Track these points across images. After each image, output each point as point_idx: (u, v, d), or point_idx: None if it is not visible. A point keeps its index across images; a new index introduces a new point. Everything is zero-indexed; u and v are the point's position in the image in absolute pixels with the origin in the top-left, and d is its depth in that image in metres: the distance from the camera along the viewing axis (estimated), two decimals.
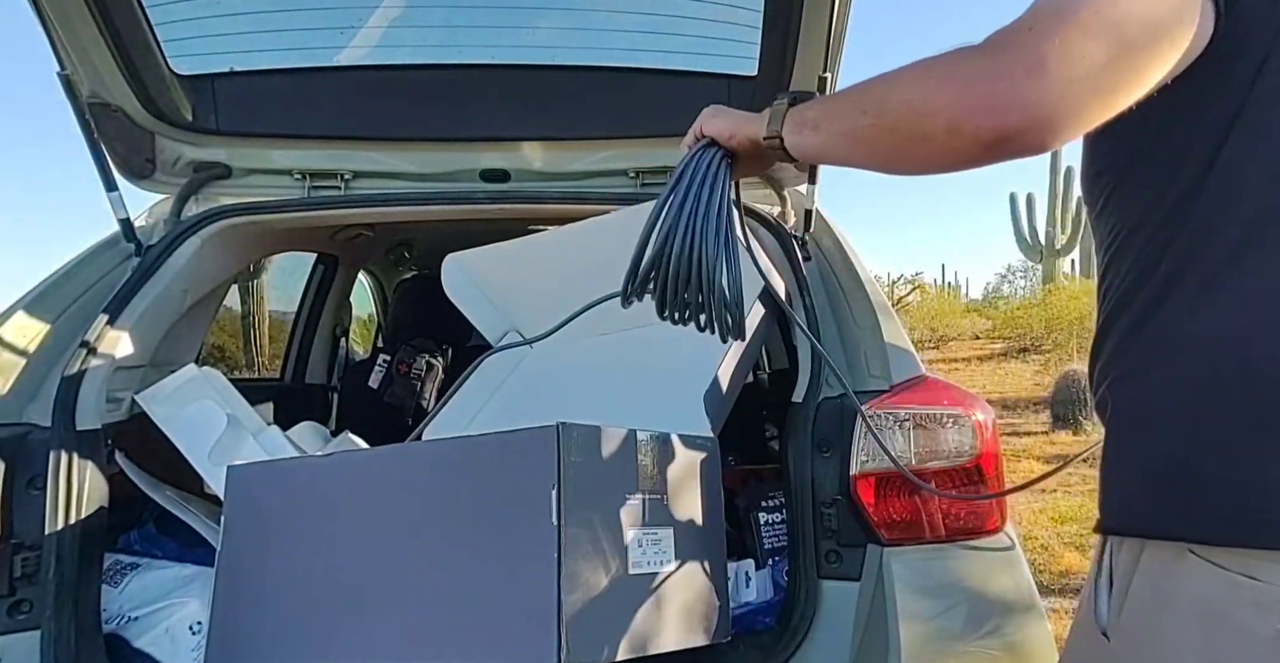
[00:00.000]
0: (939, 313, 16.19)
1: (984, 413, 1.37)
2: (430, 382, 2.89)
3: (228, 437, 1.53)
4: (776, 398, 1.95)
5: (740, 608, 1.48)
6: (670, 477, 1.26)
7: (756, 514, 1.61)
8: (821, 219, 1.74)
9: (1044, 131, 0.65)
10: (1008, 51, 0.65)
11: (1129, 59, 0.64)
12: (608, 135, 1.83)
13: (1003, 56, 0.65)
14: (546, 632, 1.03)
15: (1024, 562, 1.35)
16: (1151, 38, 0.65)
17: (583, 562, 1.08)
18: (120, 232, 1.61)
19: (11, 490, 1.26)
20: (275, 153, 1.81)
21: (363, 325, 3.98)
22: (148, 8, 1.55)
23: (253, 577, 1.28)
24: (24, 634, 1.23)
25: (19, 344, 1.41)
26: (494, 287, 1.94)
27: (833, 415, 1.38)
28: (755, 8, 1.58)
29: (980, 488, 1.33)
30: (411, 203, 1.77)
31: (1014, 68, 0.64)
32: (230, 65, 1.75)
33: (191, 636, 1.34)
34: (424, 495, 1.20)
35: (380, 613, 1.16)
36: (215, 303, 2.03)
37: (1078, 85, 0.63)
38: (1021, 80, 0.63)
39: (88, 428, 1.36)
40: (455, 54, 1.84)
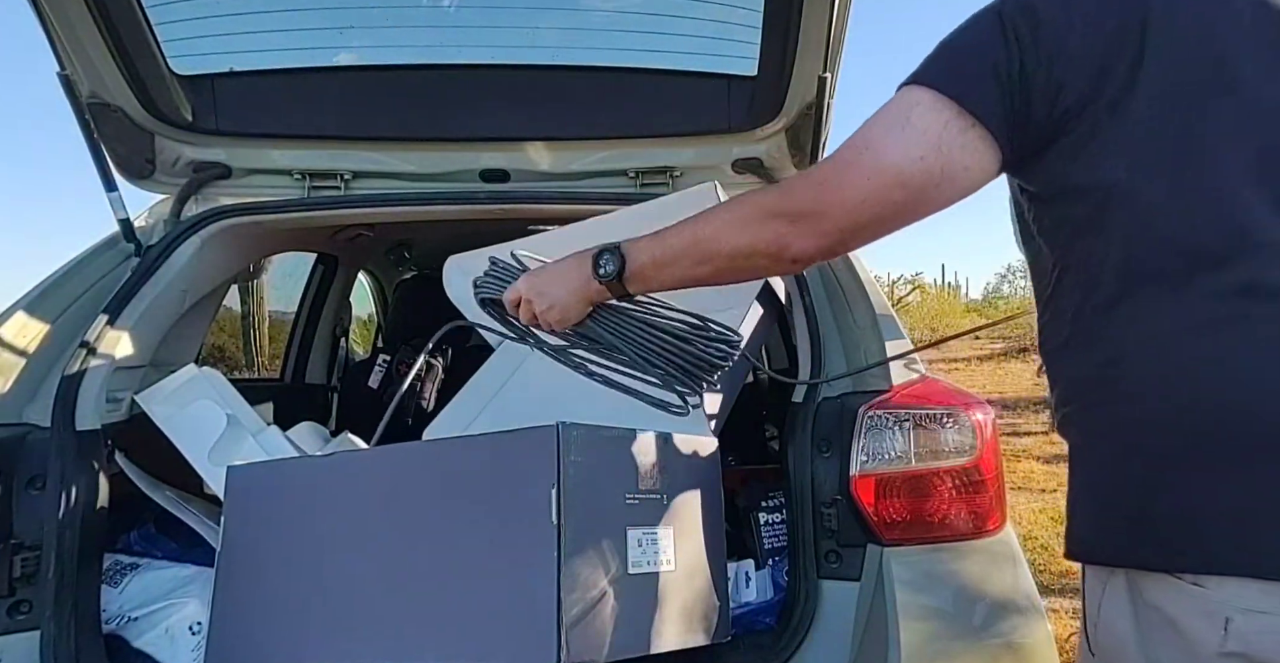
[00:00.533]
0: (939, 313, 16.17)
1: (984, 413, 1.37)
2: (430, 382, 2.89)
3: (228, 437, 1.53)
4: (776, 398, 1.95)
5: (740, 608, 1.48)
6: (670, 477, 1.26)
7: (756, 514, 1.61)
8: None
9: (830, 255, 0.90)
10: (801, 209, 0.86)
11: (887, 222, 0.84)
12: (608, 135, 1.83)
13: (798, 211, 0.86)
14: (546, 632, 1.03)
15: (1024, 562, 1.35)
16: (912, 204, 0.82)
17: (583, 562, 1.08)
18: (120, 232, 1.61)
19: (11, 491, 1.26)
20: (275, 153, 1.81)
21: (363, 325, 3.98)
22: (148, 8, 1.55)
23: (252, 577, 1.28)
24: (24, 635, 1.23)
25: (19, 344, 1.41)
26: None
27: (833, 415, 1.38)
28: (755, 8, 1.58)
29: (980, 487, 1.33)
30: (411, 203, 1.77)
31: (805, 221, 0.86)
32: (230, 65, 1.75)
33: (191, 636, 1.34)
34: (424, 495, 1.20)
35: (380, 613, 1.16)
36: (215, 303, 2.03)
37: (849, 233, 0.85)
38: (811, 229, 0.86)
39: (88, 428, 1.36)
40: (455, 54, 1.84)
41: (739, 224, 0.92)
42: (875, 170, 0.81)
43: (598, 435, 1.16)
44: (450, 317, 1.99)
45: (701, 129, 1.81)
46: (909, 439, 1.34)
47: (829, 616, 1.32)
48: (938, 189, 0.81)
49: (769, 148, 1.80)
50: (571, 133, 1.83)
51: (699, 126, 1.81)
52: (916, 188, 0.80)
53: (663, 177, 1.84)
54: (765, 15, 1.58)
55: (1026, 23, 0.78)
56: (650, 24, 1.78)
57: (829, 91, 1.51)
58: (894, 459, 1.33)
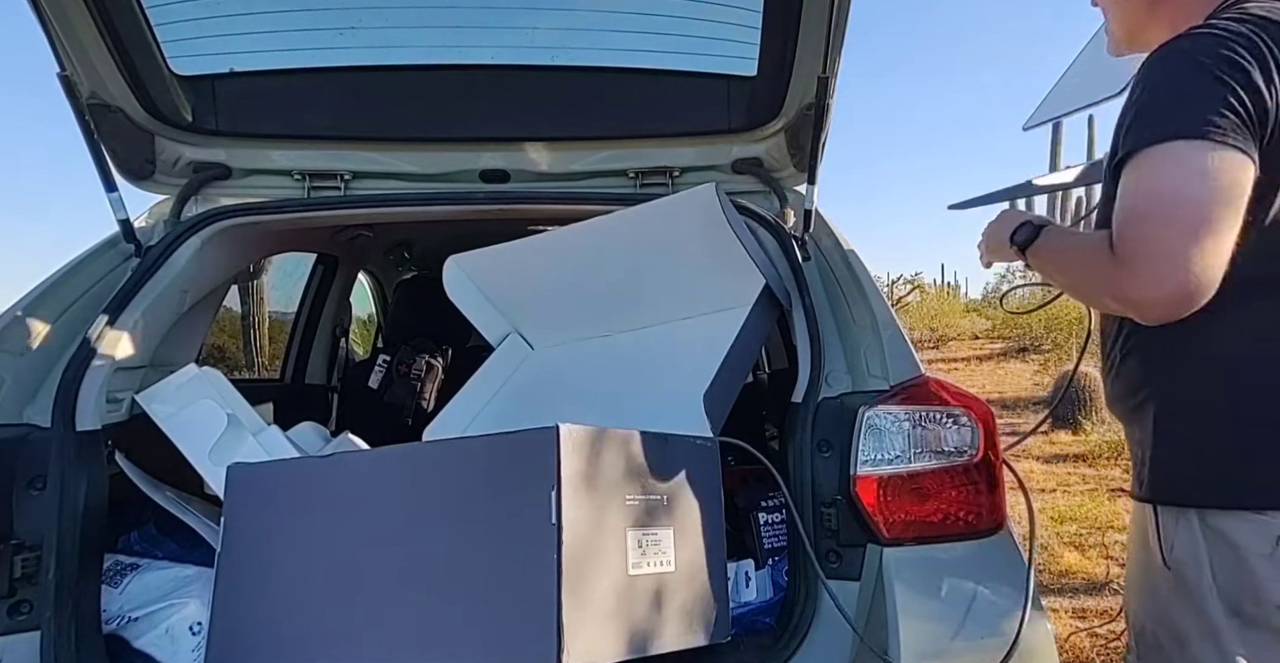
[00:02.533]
0: (939, 313, 16.17)
1: (984, 413, 1.37)
2: (430, 382, 2.89)
3: (228, 437, 1.53)
4: (776, 398, 1.95)
5: (740, 608, 1.48)
6: (670, 477, 1.26)
7: (756, 514, 1.61)
8: (821, 219, 1.74)
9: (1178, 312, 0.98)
10: (1135, 267, 0.97)
11: (1216, 243, 0.94)
12: (607, 135, 1.82)
13: (1133, 270, 0.97)
14: (546, 632, 1.03)
15: (1024, 561, 1.35)
16: (1230, 220, 0.95)
17: (583, 562, 1.08)
18: (120, 232, 1.61)
19: (11, 491, 1.26)
20: (275, 153, 1.81)
21: (363, 326, 3.98)
22: (148, 8, 1.55)
23: (253, 577, 1.28)
24: (24, 635, 1.23)
25: (19, 344, 1.41)
26: (495, 288, 1.94)
27: (833, 415, 1.38)
28: (755, 8, 1.58)
29: (980, 487, 1.33)
30: (411, 203, 1.77)
31: (1140, 279, 0.97)
32: (230, 66, 1.75)
33: (191, 636, 1.34)
34: (424, 496, 1.20)
35: (380, 614, 1.16)
36: (215, 303, 2.03)
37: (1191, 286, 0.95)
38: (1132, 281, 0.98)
39: (88, 428, 1.36)
40: (455, 54, 1.84)
41: (1093, 264, 1.06)
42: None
43: (597, 436, 1.16)
44: (450, 317, 2.00)
45: (701, 129, 1.81)
46: (909, 439, 1.34)
47: (829, 616, 1.32)
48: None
49: (769, 148, 1.80)
50: (571, 133, 1.83)
51: (699, 127, 1.81)
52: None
53: (662, 177, 1.84)
54: (765, 15, 1.58)
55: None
56: (650, 24, 1.78)
57: (829, 92, 1.51)
58: (894, 459, 1.33)
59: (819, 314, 1.53)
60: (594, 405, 1.74)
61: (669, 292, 1.80)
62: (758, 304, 1.56)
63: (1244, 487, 1.06)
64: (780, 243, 1.65)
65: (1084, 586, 3.38)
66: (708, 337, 1.64)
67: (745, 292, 1.58)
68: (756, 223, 1.69)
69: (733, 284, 1.63)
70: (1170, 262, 0.94)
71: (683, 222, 1.63)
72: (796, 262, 1.61)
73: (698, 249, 1.64)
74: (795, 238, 1.66)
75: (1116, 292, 1.00)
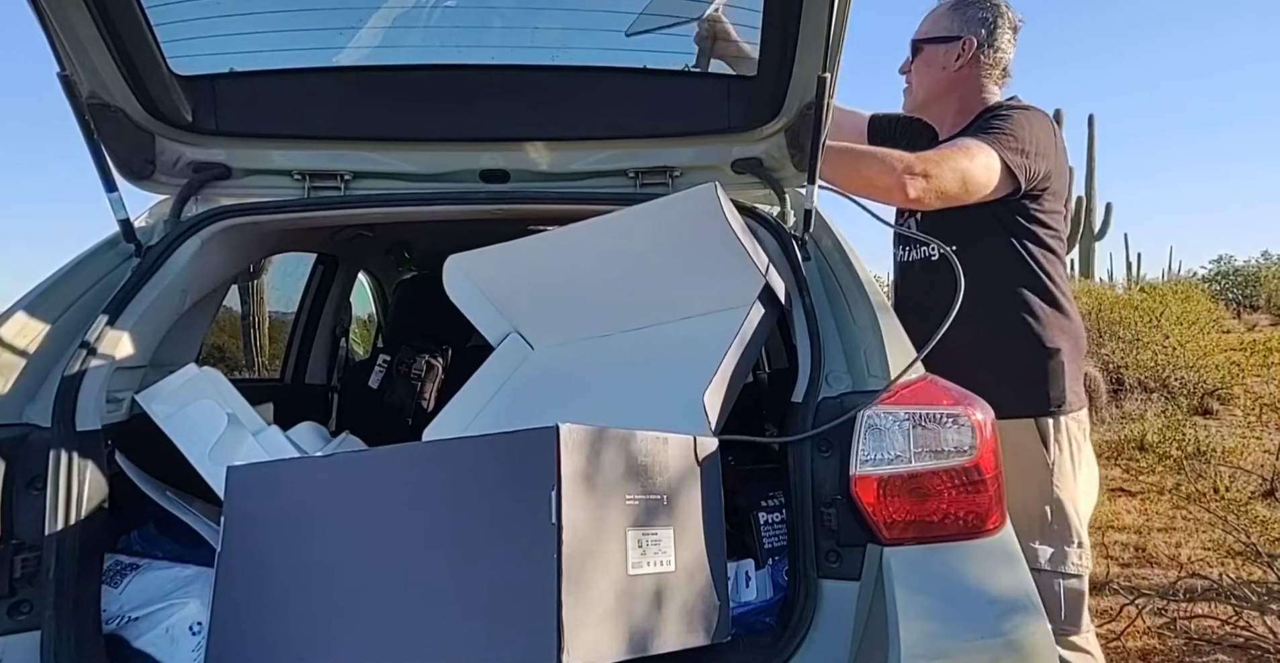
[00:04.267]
0: None
1: (983, 413, 1.37)
2: (430, 382, 2.89)
3: (228, 437, 1.53)
4: (776, 398, 1.95)
5: (740, 608, 1.48)
6: (670, 477, 1.26)
7: (756, 514, 1.61)
8: (821, 219, 1.74)
9: (920, 206, 1.86)
10: (914, 171, 1.78)
11: (958, 197, 1.84)
12: (607, 135, 1.82)
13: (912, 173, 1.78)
14: (546, 632, 1.03)
15: (1024, 561, 1.35)
16: (973, 193, 1.84)
17: (583, 562, 1.08)
18: (120, 232, 1.61)
19: (11, 491, 1.26)
20: (275, 153, 1.81)
21: (363, 325, 3.98)
22: (148, 8, 1.55)
23: (253, 577, 1.28)
24: (24, 635, 1.23)
25: (19, 344, 1.41)
26: (495, 287, 1.94)
27: (832, 415, 1.38)
28: (755, 8, 1.58)
29: (980, 487, 1.33)
30: (411, 203, 1.77)
31: (914, 179, 1.78)
32: (230, 66, 1.75)
33: (191, 636, 1.34)
34: (424, 496, 1.20)
35: (380, 614, 1.16)
36: (215, 303, 2.03)
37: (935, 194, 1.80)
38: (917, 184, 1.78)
39: (88, 428, 1.36)
40: (455, 54, 1.84)
41: (881, 162, 1.86)
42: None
43: (597, 436, 1.16)
44: (450, 317, 2.00)
45: (701, 129, 1.81)
46: (909, 439, 1.34)
47: (829, 615, 1.32)
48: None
49: (769, 148, 1.80)
50: (571, 133, 1.82)
51: (699, 126, 1.81)
52: None
53: (662, 177, 1.83)
54: (765, 15, 1.58)
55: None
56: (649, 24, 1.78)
57: (829, 91, 1.51)
58: (894, 459, 1.33)
59: (819, 314, 1.53)
60: (594, 405, 1.74)
61: (669, 291, 1.80)
62: (757, 304, 1.56)
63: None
64: (780, 243, 1.66)
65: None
66: (708, 337, 1.64)
67: (745, 292, 1.58)
68: (756, 223, 1.69)
69: (733, 284, 1.63)
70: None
71: (683, 221, 1.63)
72: (796, 261, 1.61)
73: (697, 249, 1.64)
74: (795, 238, 1.66)
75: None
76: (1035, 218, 1.94)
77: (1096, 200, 15.10)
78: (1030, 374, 1.91)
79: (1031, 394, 1.90)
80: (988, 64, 2.01)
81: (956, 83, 2.02)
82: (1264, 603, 2.65)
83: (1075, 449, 1.92)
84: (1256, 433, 5.98)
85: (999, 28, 1.99)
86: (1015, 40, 2.04)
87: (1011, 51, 2.04)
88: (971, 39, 1.99)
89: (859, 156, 1.84)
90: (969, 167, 1.81)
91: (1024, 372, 1.91)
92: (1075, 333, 1.98)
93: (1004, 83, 2.06)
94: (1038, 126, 1.91)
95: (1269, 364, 6.46)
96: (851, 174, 1.82)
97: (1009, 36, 2.02)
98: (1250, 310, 22.84)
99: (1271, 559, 2.92)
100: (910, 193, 1.77)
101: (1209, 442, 5.28)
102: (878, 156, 1.82)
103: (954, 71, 2.01)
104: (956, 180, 1.79)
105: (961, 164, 1.80)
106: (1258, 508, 3.98)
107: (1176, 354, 8.04)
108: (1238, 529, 3.28)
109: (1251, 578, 3.09)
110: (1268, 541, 3.23)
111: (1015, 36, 2.03)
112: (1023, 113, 1.93)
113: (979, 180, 1.82)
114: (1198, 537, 4.00)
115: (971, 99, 2.03)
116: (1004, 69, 2.04)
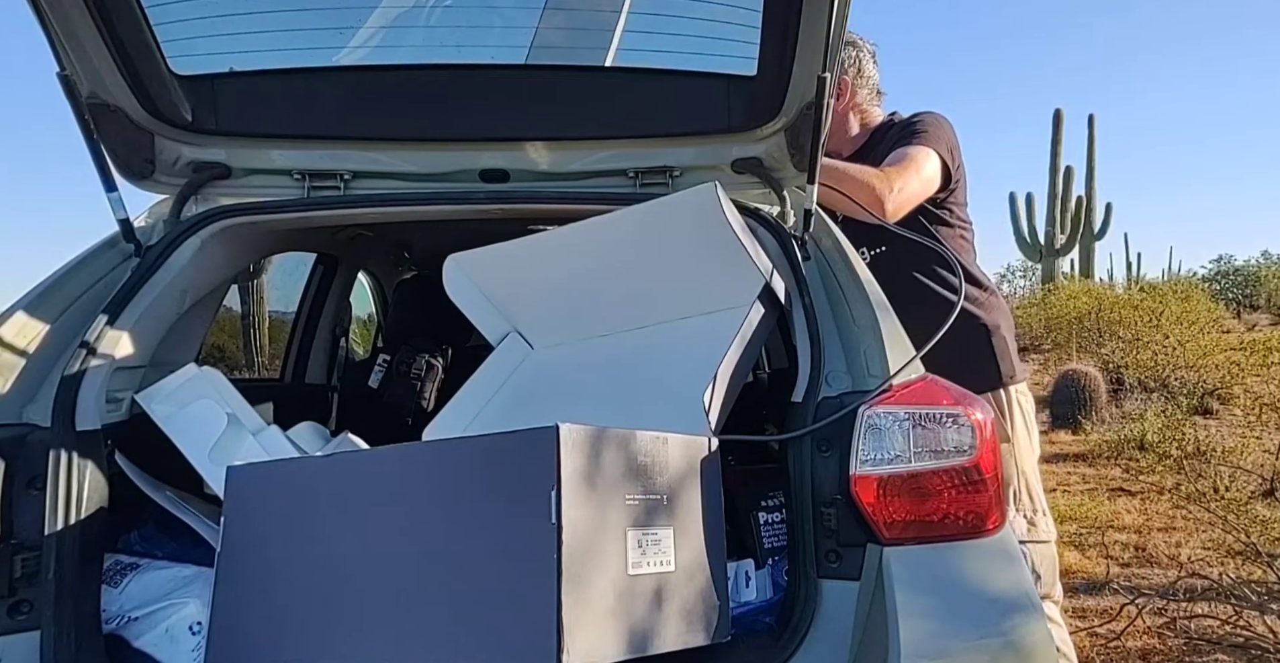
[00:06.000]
0: None
1: (983, 412, 1.37)
2: (430, 382, 2.89)
3: (228, 436, 1.53)
4: (776, 398, 1.95)
5: (740, 608, 1.48)
6: (670, 477, 1.26)
7: (756, 514, 1.61)
8: (821, 219, 1.74)
9: (894, 217, 2.01)
10: (891, 190, 2.00)
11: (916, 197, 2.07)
12: (607, 135, 1.82)
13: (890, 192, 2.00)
14: (546, 632, 1.03)
15: (1024, 561, 1.35)
16: (926, 192, 2.11)
17: (583, 562, 1.08)
18: (120, 232, 1.61)
19: (11, 491, 1.26)
20: (275, 153, 1.81)
21: (363, 325, 3.98)
22: (148, 8, 1.55)
23: (253, 577, 1.28)
24: (24, 635, 1.23)
25: (19, 344, 1.41)
26: (495, 287, 1.94)
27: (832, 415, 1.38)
28: (755, 8, 1.57)
29: (980, 487, 1.33)
30: (411, 203, 1.77)
31: (891, 194, 2.00)
32: (230, 65, 1.74)
33: (191, 636, 1.34)
34: (424, 496, 1.20)
35: (380, 613, 1.16)
36: (215, 303, 2.03)
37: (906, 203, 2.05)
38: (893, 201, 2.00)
39: (88, 428, 1.36)
40: (455, 54, 1.84)
41: (859, 180, 2.04)
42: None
43: (597, 436, 1.16)
44: (450, 317, 2.00)
45: (701, 129, 1.81)
46: (909, 439, 1.34)
47: (829, 615, 1.32)
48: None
49: (769, 147, 1.80)
50: (571, 133, 1.82)
51: (699, 126, 1.81)
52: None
53: (662, 177, 1.83)
54: (765, 15, 1.58)
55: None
56: (650, 24, 1.78)
57: (828, 91, 1.51)
58: (894, 459, 1.33)
59: (819, 314, 1.53)
60: (594, 405, 1.74)
61: (669, 291, 1.80)
62: (757, 304, 1.56)
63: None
64: (780, 243, 1.65)
65: (1084, 585, 3.38)
66: (708, 337, 1.63)
67: (745, 292, 1.58)
68: (756, 222, 1.69)
69: (733, 284, 1.63)
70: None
71: (683, 221, 1.63)
72: (796, 261, 1.61)
73: (697, 249, 1.64)
74: (795, 238, 1.66)
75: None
76: (950, 210, 2.20)
77: (1096, 200, 15.11)
78: (981, 352, 2.12)
79: (985, 371, 2.10)
80: (865, 93, 2.31)
81: (845, 117, 2.32)
82: (1264, 603, 2.65)
83: (1026, 419, 2.12)
84: (1256, 433, 5.98)
85: (861, 60, 2.30)
86: (877, 61, 2.34)
87: (877, 72, 2.34)
88: (845, 79, 2.27)
89: (840, 175, 1.99)
90: (923, 169, 2.06)
91: (975, 351, 2.10)
92: (1005, 310, 2.25)
93: (880, 100, 2.37)
94: (947, 128, 2.19)
95: (1269, 364, 6.45)
96: (831, 192, 1.98)
97: (871, 63, 2.32)
98: (1250, 310, 22.85)
99: (1271, 559, 2.92)
100: (888, 208, 1.97)
101: (1209, 442, 5.28)
102: (856, 176, 2.00)
103: (841, 110, 2.30)
104: (919, 185, 2.05)
105: (919, 170, 2.05)
106: (1258, 508, 3.98)
107: (1176, 354, 8.05)
108: (1238, 529, 3.28)
109: (1251, 578, 3.09)
110: (1268, 540, 3.23)
111: (875, 58, 2.33)
112: (929, 115, 2.21)
113: (930, 180, 2.08)
114: (1198, 537, 4.00)
115: (863, 123, 2.34)
116: (876, 91, 2.35)
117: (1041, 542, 2.03)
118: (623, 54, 1.78)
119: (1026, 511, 2.03)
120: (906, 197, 2.01)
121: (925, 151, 2.07)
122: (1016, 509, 2.02)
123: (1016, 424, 2.10)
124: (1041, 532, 2.03)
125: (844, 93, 2.27)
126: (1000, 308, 2.20)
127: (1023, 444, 2.09)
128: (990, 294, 2.20)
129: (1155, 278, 19.52)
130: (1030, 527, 2.02)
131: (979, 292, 2.17)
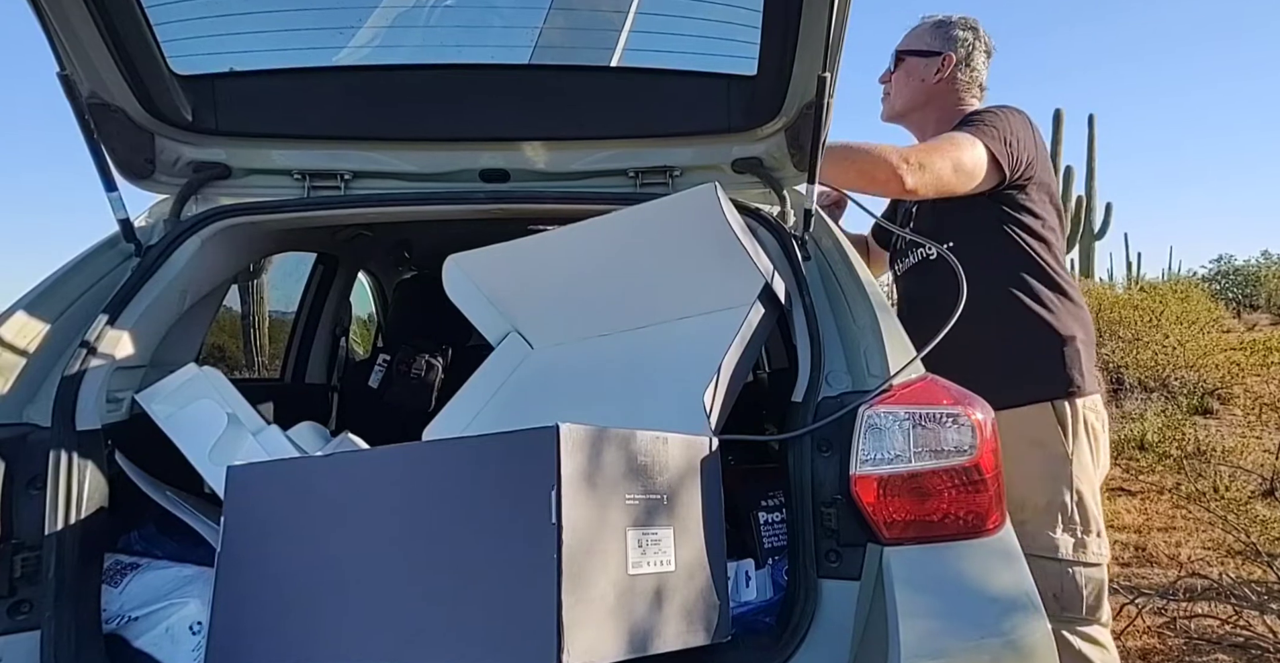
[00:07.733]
0: None
1: (983, 413, 1.37)
2: (430, 382, 2.89)
3: (228, 436, 1.53)
4: (776, 398, 1.95)
5: (740, 608, 1.48)
6: (670, 477, 1.26)
7: (756, 514, 1.61)
8: (821, 219, 1.74)
9: (915, 196, 1.93)
10: (909, 162, 1.84)
11: (951, 185, 1.91)
12: (607, 135, 1.82)
13: (907, 163, 1.84)
14: (546, 632, 1.03)
15: (1024, 561, 1.35)
16: (965, 181, 1.92)
17: (583, 562, 1.08)
18: (120, 232, 1.61)
19: (11, 490, 1.26)
20: (275, 153, 1.81)
21: (363, 325, 3.98)
22: (148, 8, 1.55)
23: (253, 577, 1.28)
24: (24, 634, 1.23)
25: (19, 344, 1.41)
26: (495, 287, 1.94)
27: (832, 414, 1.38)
28: (755, 8, 1.57)
29: (980, 486, 1.33)
30: (411, 203, 1.77)
31: (910, 169, 1.83)
32: (230, 65, 1.75)
33: (191, 636, 1.34)
34: (424, 496, 1.20)
35: (380, 613, 1.16)
36: (215, 303, 2.03)
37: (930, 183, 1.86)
38: (913, 174, 1.83)
39: (88, 428, 1.36)
40: (455, 54, 1.84)
41: (877, 154, 1.91)
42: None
43: (597, 436, 1.16)
44: (450, 316, 2.01)
45: (701, 129, 1.81)
46: (909, 439, 1.34)
47: (829, 615, 1.32)
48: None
49: (769, 147, 1.80)
50: (571, 133, 1.82)
51: (699, 126, 1.81)
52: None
53: (662, 177, 1.83)
54: (765, 15, 1.58)
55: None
56: (650, 24, 1.78)
57: (829, 91, 1.51)
58: (894, 459, 1.33)
59: (819, 314, 1.53)
60: (594, 405, 1.74)
61: (669, 291, 1.80)
62: (757, 304, 1.56)
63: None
64: (780, 243, 1.66)
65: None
66: (708, 337, 1.64)
67: (745, 291, 1.58)
68: (757, 222, 1.69)
69: (733, 284, 1.63)
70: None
71: (683, 221, 1.63)
72: (796, 261, 1.61)
73: (697, 248, 1.64)
74: (795, 237, 1.66)
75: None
76: (1024, 207, 2.01)
77: (1096, 200, 15.12)
78: (1046, 361, 1.94)
79: (1049, 380, 1.93)
80: (964, 80, 2.15)
81: (933, 95, 2.16)
82: (1264, 603, 2.65)
83: (1093, 439, 1.94)
84: (1256, 433, 5.98)
85: (975, 49, 2.15)
86: (988, 63, 2.19)
87: (985, 73, 2.19)
88: (950, 55, 2.13)
89: (853, 151, 1.88)
90: (959, 155, 1.89)
91: (1040, 359, 1.94)
92: (1085, 320, 2.03)
93: (981, 97, 2.20)
94: (1015, 120, 2.01)
95: (1269, 364, 6.45)
96: (848, 169, 1.88)
97: (983, 59, 2.17)
98: (1250, 310, 22.85)
99: (1271, 559, 2.92)
100: (907, 183, 1.82)
101: (1209, 441, 5.28)
102: (871, 150, 1.86)
103: (932, 84, 2.15)
104: (949, 168, 1.87)
105: (952, 153, 1.89)
106: (1258, 508, 3.99)
107: (1176, 354, 8.05)
108: (1238, 529, 3.28)
109: (1251, 578, 3.10)
110: (1268, 540, 3.23)
111: (989, 60, 2.18)
112: (999, 108, 2.05)
113: (969, 169, 1.90)
114: (1198, 536, 4.01)
115: (951, 110, 2.14)
116: (980, 86, 2.19)
117: (1090, 564, 1.87)
118: (625, 54, 1.79)
119: (1076, 530, 1.87)
120: (933, 176, 1.84)
121: (969, 139, 1.91)
122: (1062, 528, 1.87)
123: (1080, 440, 1.91)
124: (1091, 554, 1.87)
125: (944, 66, 2.13)
126: (1081, 318, 2.01)
127: (1085, 462, 1.91)
128: (1071, 302, 2.01)
129: (1155, 278, 19.49)
130: (1079, 548, 1.87)
131: (1055, 298, 1.98)
